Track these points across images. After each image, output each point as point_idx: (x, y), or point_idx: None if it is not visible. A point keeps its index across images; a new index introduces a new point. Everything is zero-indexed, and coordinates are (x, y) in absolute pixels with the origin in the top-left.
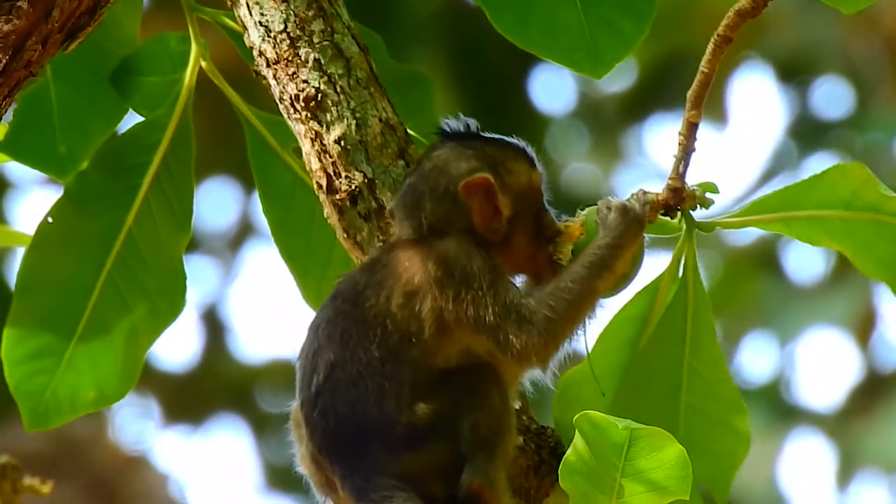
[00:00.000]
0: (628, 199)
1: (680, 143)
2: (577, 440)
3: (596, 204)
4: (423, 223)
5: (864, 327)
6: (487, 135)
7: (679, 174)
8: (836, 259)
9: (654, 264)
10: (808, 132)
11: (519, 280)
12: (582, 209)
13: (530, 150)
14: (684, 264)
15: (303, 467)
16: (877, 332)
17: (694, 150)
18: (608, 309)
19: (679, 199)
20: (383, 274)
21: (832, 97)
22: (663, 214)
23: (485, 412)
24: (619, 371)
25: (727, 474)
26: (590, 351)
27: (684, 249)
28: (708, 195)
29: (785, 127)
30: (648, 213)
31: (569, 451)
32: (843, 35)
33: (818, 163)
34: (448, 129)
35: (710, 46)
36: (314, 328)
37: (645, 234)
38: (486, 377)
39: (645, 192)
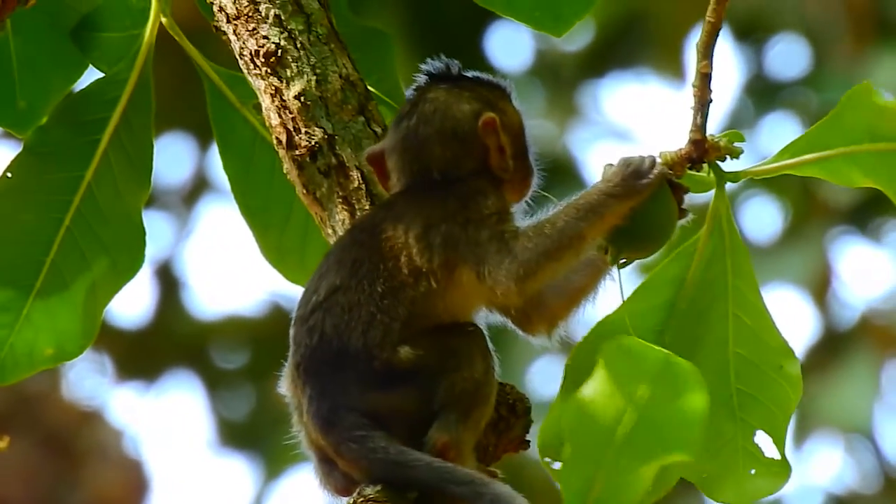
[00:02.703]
0: (638, 156)
1: (695, 95)
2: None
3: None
4: (432, 167)
5: (820, 285)
6: (471, 74)
7: (698, 126)
8: (792, 217)
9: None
10: (764, 91)
11: None
12: None
13: (511, 88)
14: (719, 216)
15: (284, 387)
16: (832, 290)
17: (711, 100)
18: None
19: (702, 151)
20: (404, 209)
21: (789, 56)
22: (689, 168)
23: (465, 376)
24: (656, 333)
25: (782, 419)
26: (624, 298)
27: (718, 203)
28: (737, 144)
29: (741, 85)
30: (657, 172)
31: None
32: None
33: (774, 122)
34: (434, 71)
35: None
36: (328, 256)
37: (686, 195)
38: (476, 344)
39: (660, 153)
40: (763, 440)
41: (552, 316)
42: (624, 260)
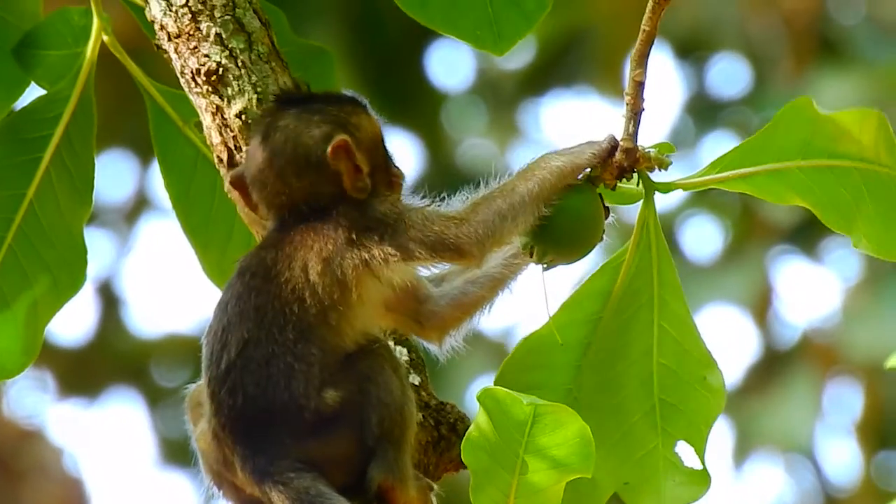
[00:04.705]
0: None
1: (627, 104)
2: (481, 415)
3: None
4: (296, 198)
5: (760, 304)
6: (320, 93)
7: (630, 134)
8: (732, 236)
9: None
10: (705, 110)
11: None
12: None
13: (363, 100)
14: (647, 226)
15: (198, 444)
16: (773, 310)
17: (643, 109)
18: (571, 282)
19: (633, 160)
20: (292, 248)
21: (729, 75)
22: (618, 177)
23: (387, 403)
24: (584, 345)
25: (704, 429)
26: (551, 314)
27: (646, 213)
28: (667, 156)
29: (682, 104)
30: (609, 142)
31: (472, 427)
32: (741, 12)
33: (715, 140)
34: (281, 96)
35: (650, 4)
36: (222, 306)
37: (612, 208)
38: (386, 360)
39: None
40: (684, 450)
41: (444, 325)
42: (549, 261)
